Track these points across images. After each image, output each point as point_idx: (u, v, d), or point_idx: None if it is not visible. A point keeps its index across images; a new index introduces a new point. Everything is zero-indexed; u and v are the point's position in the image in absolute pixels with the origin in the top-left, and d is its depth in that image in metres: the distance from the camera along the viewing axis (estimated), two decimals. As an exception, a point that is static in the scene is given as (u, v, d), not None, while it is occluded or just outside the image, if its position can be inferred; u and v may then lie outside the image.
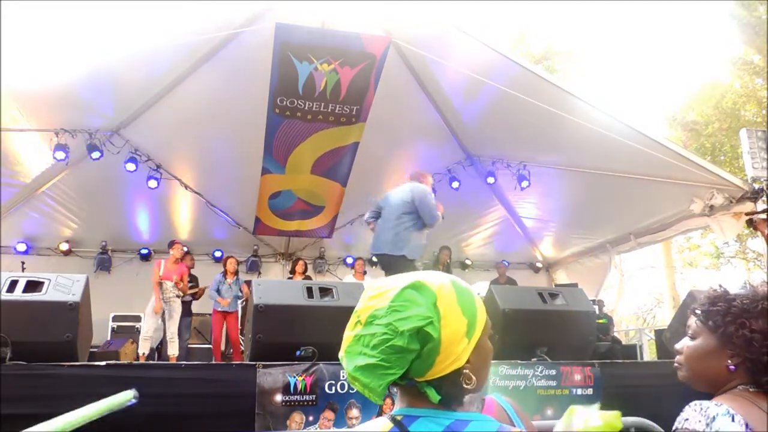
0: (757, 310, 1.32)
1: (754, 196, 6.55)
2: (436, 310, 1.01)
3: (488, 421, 1.02)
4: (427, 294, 1.03)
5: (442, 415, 1.00)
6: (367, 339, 1.01)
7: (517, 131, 7.82)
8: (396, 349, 0.98)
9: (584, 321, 4.36)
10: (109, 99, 7.13)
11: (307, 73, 6.48)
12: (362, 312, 1.05)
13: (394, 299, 1.02)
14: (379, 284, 1.08)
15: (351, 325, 1.06)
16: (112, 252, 9.19)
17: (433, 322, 1.01)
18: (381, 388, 1.00)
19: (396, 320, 1.00)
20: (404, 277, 1.07)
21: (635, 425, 2.75)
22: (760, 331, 1.29)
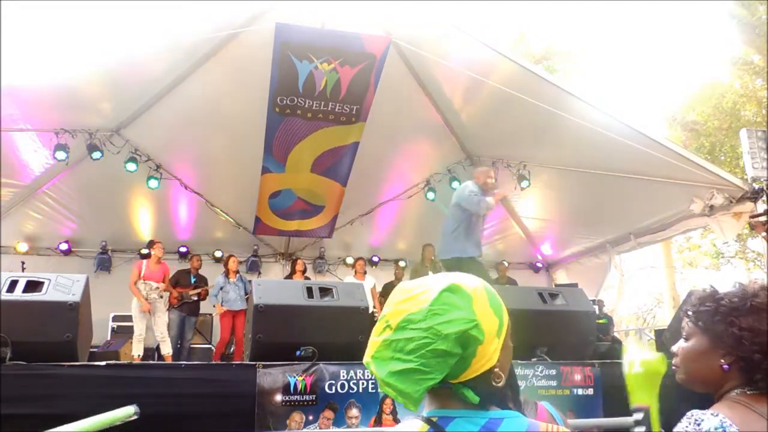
0: (746, 308, 1.31)
1: (754, 196, 6.55)
2: (474, 312, 1.02)
3: (519, 418, 1.03)
4: (464, 296, 1.04)
5: (477, 415, 1.01)
6: (402, 344, 0.99)
7: (517, 131, 7.81)
8: (437, 353, 0.98)
9: (584, 321, 4.36)
10: (109, 99, 7.13)
11: (307, 71, 6.48)
12: (392, 316, 1.03)
13: (433, 303, 1.01)
14: (408, 287, 1.07)
15: (378, 330, 1.05)
16: (112, 252, 9.19)
17: (477, 325, 1.02)
18: (418, 394, 0.99)
19: (438, 324, 0.99)
20: (436, 280, 1.07)
21: (635, 425, 2.75)
22: (749, 328, 1.29)
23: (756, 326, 1.28)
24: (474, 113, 8.07)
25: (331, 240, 9.72)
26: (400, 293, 1.07)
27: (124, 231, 9.13)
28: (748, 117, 17.79)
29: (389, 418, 3.53)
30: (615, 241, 9.16)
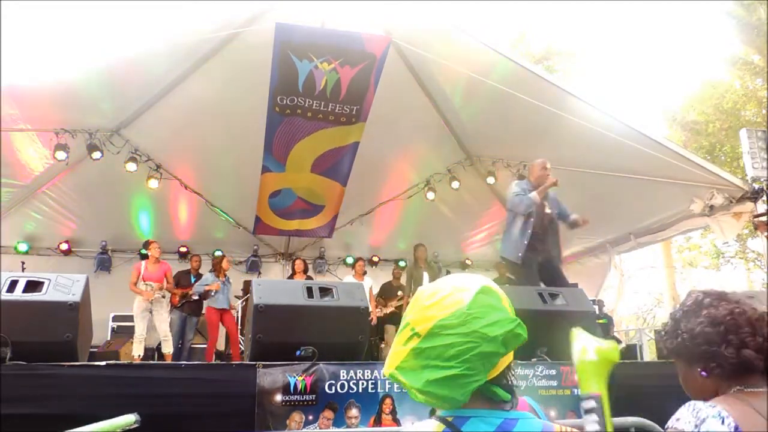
0: (682, 315, 1.45)
1: (754, 196, 6.55)
2: (508, 311, 1.04)
3: (533, 419, 1.03)
4: (496, 297, 1.05)
5: (492, 415, 1.01)
6: (438, 350, 0.98)
7: (517, 131, 7.81)
8: (483, 355, 0.97)
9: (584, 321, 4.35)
10: (109, 99, 7.12)
11: (307, 71, 6.47)
12: (419, 323, 1.01)
13: (470, 306, 1.00)
14: (429, 292, 1.06)
15: (403, 340, 1.03)
16: (112, 252, 9.19)
17: (520, 324, 1.03)
18: (464, 397, 0.98)
19: (482, 327, 0.98)
20: (459, 282, 1.05)
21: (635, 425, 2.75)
22: (686, 330, 1.41)
23: (690, 326, 1.41)
24: (474, 113, 8.07)
25: (331, 240, 9.72)
26: (422, 299, 1.05)
27: (124, 231, 9.14)
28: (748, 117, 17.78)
29: (389, 418, 3.53)
30: (615, 241, 9.16)
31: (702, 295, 1.48)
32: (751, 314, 1.38)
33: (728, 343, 1.34)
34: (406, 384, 1.00)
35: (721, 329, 1.36)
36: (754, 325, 1.36)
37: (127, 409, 3.15)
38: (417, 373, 0.99)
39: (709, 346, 1.36)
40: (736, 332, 1.34)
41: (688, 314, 1.44)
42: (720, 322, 1.37)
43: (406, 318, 1.05)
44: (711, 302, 1.43)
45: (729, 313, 1.38)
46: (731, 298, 1.44)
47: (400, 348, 1.03)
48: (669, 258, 18.48)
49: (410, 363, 1.00)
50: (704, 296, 1.47)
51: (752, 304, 1.44)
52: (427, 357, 0.99)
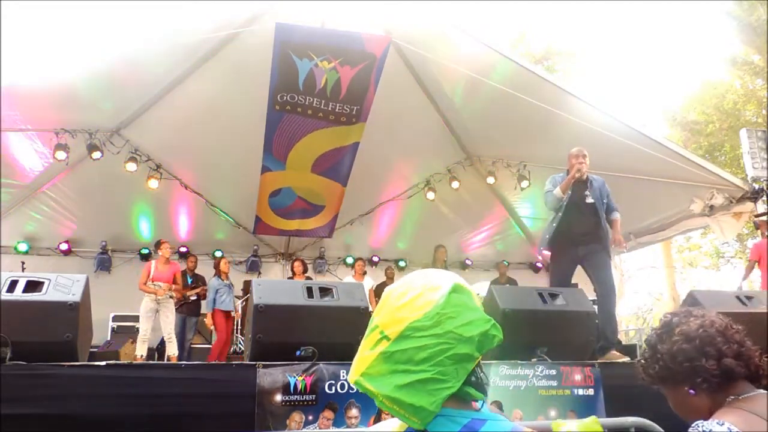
0: (657, 337, 1.49)
1: (754, 196, 6.56)
2: (482, 309, 0.98)
3: (502, 421, 0.98)
4: (469, 295, 0.99)
5: (459, 414, 0.95)
6: (409, 353, 0.92)
7: (517, 131, 7.81)
8: (457, 357, 0.92)
9: (584, 321, 4.35)
10: (109, 99, 7.12)
11: (307, 69, 6.47)
12: (389, 326, 0.95)
13: (443, 306, 0.94)
14: (398, 292, 0.99)
15: (371, 344, 0.96)
16: (112, 252, 9.19)
17: (495, 324, 0.97)
18: (434, 406, 0.91)
19: (457, 327, 0.93)
20: (427, 280, 1.00)
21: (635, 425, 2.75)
22: (664, 352, 1.44)
23: (667, 347, 1.44)
24: (474, 113, 8.07)
25: (331, 240, 9.72)
26: (392, 300, 0.99)
27: (124, 231, 9.14)
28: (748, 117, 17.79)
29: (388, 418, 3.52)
30: (615, 241, 9.14)
31: (670, 315, 1.52)
32: (719, 324, 1.42)
33: (707, 356, 1.36)
34: (373, 391, 0.94)
35: (696, 343, 1.38)
36: (725, 334, 1.40)
37: (127, 409, 3.15)
38: (385, 378, 0.93)
39: (690, 363, 1.38)
40: (712, 343, 1.38)
41: (662, 336, 1.47)
42: (694, 336, 1.40)
43: (374, 320, 0.99)
44: (680, 320, 1.47)
45: (700, 326, 1.41)
46: (698, 313, 1.48)
47: (367, 353, 0.96)
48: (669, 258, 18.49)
49: (378, 368, 0.94)
50: (672, 316, 1.51)
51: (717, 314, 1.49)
52: (396, 361, 0.93)
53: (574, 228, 4.94)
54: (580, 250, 4.96)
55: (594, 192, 5.07)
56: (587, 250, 4.96)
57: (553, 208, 5.02)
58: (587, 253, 4.97)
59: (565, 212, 4.95)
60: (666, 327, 1.48)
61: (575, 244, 4.95)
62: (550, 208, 5.08)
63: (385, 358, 0.94)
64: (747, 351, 1.38)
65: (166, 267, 7.50)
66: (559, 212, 4.96)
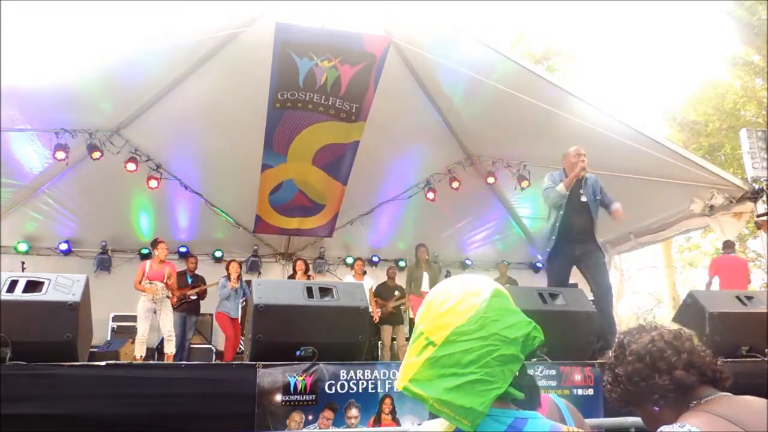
0: (615, 359, 1.51)
1: (754, 196, 6.56)
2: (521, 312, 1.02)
3: (542, 419, 1.02)
4: (508, 299, 1.03)
5: (504, 414, 0.99)
6: (456, 357, 0.95)
7: (517, 131, 7.81)
8: (503, 359, 0.95)
9: (584, 321, 4.35)
10: (109, 99, 7.13)
11: (307, 68, 6.48)
12: (435, 332, 0.98)
13: (486, 310, 0.98)
14: (440, 299, 1.03)
15: (417, 350, 1.00)
16: (112, 252, 9.19)
17: (536, 326, 1.01)
18: (483, 407, 0.94)
19: (502, 330, 0.97)
20: (467, 286, 1.03)
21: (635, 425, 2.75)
22: (623, 374, 1.46)
23: (623, 369, 1.46)
24: (474, 113, 8.07)
25: (331, 240, 9.72)
26: (435, 307, 1.02)
27: (124, 231, 9.14)
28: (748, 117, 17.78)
29: (388, 418, 3.53)
30: (615, 241, 9.16)
31: (622, 335, 1.53)
32: (668, 335, 1.43)
33: (659, 371, 1.38)
34: (423, 395, 0.97)
35: (647, 360, 1.40)
36: (674, 345, 1.40)
37: (127, 409, 3.15)
38: (433, 383, 0.96)
39: (645, 381, 1.40)
40: (661, 357, 1.39)
41: (619, 358, 1.49)
42: (644, 354, 1.41)
43: (419, 327, 1.02)
44: (631, 339, 1.48)
45: (649, 342, 1.42)
46: (649, 327, 1.50)
47: (413, 359, 0.99)
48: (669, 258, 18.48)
49: (425, 373, 0.97)
50: (624, 335, 1.52)
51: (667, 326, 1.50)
52: (443, 365, 0.96)
53: (571, 227, 4.94)
54: (577, 249, 4.97)
55: (587, 190, 5.10)
56: (584, 250, 4.97)
57: (554, 204, 5.01)
58: (584, 252, 4.98)
59: (564, 211, 4.95)
60: (620, 348, 1.50)
61: (573, 243, 4.96)
62: (550, 205, 5.07)
63: (432, 363, 0.97)
64: (698, 358, 1.39)
65: (161, 266, 7.49)
66: (560, 210, 4.96)
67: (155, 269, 7.43)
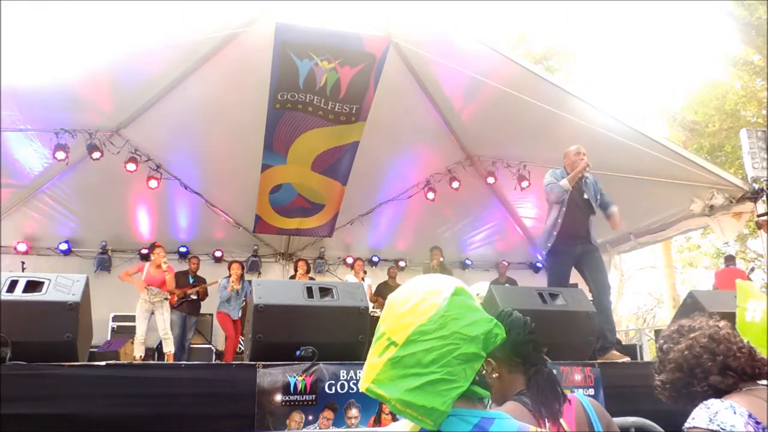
0: (659, 364, 1.57)
1: (754, 196, 6.55)
2: (484, 310, 1.01)
3: (509, 419, 1.01)
4: (470, 297, 1.02)
5: (469, 414, 0.98)
6: (417, 356, 0.94)
7: (517, 131, 7.81)
8: (465, 357, 0.94)
9: (584, 321, 4.35)
10: (109, 99, 7.12)
11: (307, 68, 6.48)
12: (396, 332, 0.98)
13: (447, 308, 0.97)
14: (401, 298, 1.02)
15: (379, 350, 0.99)
16: (112, 252, 9.19)
17: (498, 323, 1.00)
18: (445, 407, 0.93)
19: (462, 328, 0.96)
20: (429, 285, 1.02)
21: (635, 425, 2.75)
22: (667, 381, 1.52)
23: (665, 377, 1.52)
24: (474, 113, 8.07)
25: (331, 240, 9.72)
26: (396, 306, 1.01)
27: (124, 231, 9.13)
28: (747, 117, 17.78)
29: (388, 418, 3.53)
30: (615, 241, 9.15)
31: (663, 340, 1.58)
32: (703, 340, 1.47)
33: (697, 378, 1.43)
34: (385, 396, 0.96)
35: (685, 369, 1.45)
36: (710, 348, 1.44)
37: (127, 409, 3.15)
38: (395, 383, 0.95)
39: (687, 389, 1.45)
40: (698, 364, 1.44)
41: (662, 365, 1.54)
42: (682, 362, 1.47)
43: (380, 327, 1.01)
44: (671, 345, 1.53)
45: (686, 348, 1.47)
46: (685, 329, 1.54)
47: (375, 360, 0.99)
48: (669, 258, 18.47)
49: (387, 374, 0.96)
50: (665, 341, 1.57)
51: (704, 323, 1.53)
52: (405, 366, 0.95)
53: (573, 225, 4.94)
54: (577, 249, 4.97)
55: (589, 189, 5.11)
56: (584, 249, 4.97)
57: (557, 199, 5.00)
58: (584, 252, 4.98)
59: (567, 208, 4.96)
60: (661, 353, 1.55)
61: (574, 241, 4.96)
62: (553, 200, 5.07)
63: (394, 364, 0.96)
64: (734, 361, 1.41)
65: (158, 271, 7.43)
66: (563, 207, 4.97)
67: (152, 274, 7.42)
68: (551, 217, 5.06)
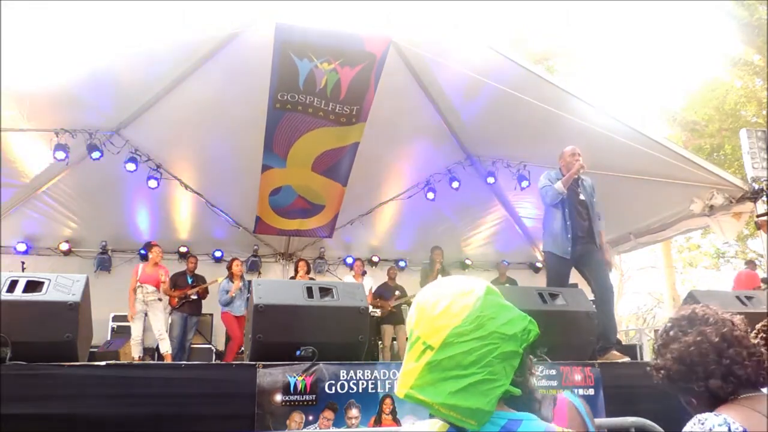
0: (662, 345, 1.48)
1: (754, 196, 6.55)
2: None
3: (537, 421, 1.01)
4: (500, 296, 1.03)
5: (497, 416, 0.98)
6: (456, 359, 0.94)
7: (517, 131, 7.81)
8: (504, 356, 0.95)
9: (584, 321, 4.36)
10: (109, 99, 7.12)
11: (307, 69, 6.48)
12: (431, 336, 0.97)
13: (481, 309, 0.98)
14: (432, 301, 1.01)
15: (415, 356, 0.98)
16: (112, 252, 9.19)
17: (531, 320, 1.01)
18: (490, 406, 0.93)
19: (500, 327, 0.96)
20: (459, 287, 1.02)
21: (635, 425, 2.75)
22: (663, 367, 1.44)
23: (663, 363, 1.43)
24: (474, 113, 8.06)
25: (331, 240, 9.72)
26: (427, 310, 1.01)
27: (124, 231, 9.13)
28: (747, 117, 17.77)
29: (389, 418, 3.53)
30: (615, 241, 9.15)
31: (672, 323, 1.48)
32: (714, 337, 1.37)
33: (696, 375, 1.36)
34: (427, 401, 0.95)
35: (687, 362, 1.38)
36: (719, 349, 1.36)
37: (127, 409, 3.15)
38: (436, 387, 0.94)
39: (684, 382, 1.39)
40: (701, 362, 1.35)
41: (664, 348, 1.46)
42: (686, 355, 1.38)
43: (414, 333, 1.01)
44: (680, 331, 1.44)
45: (693, 343, 1.38)
46: (701, 316, 1.43)
47: (412, 365, 0.98)
48: (669, 258, 18.47)
49: (426, 378, 0.96)
50: (674, 324, 1.47)
51: (719, 316, 1.43)
52: (444, 369, 0.95)
53: (572, 226, 4.95)
54: (577, 250, 4.97)
55: (585, 190, 5.12)
56: (584, 250, 4.97)
57: (552, 202, 5.02)
58: (584, 252, 4.98)
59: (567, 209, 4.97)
60: (666, 337, 1.47)
61: (573, 243, 4.96)
62: (548, 203, 5.08)
63: (433, 367, 0.96)
64: (740, 369, 1.34)
65: (154, 269, 7.52)
66: (565, 208, 4.97)
67: (148, 273, 7.48)
68: (557, 220, 5.03)
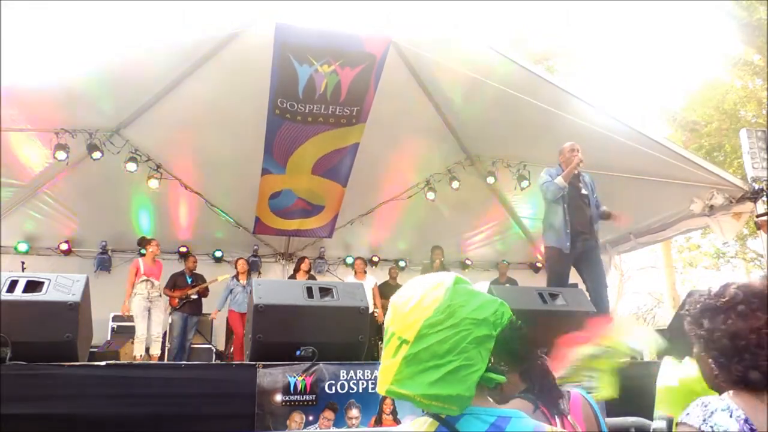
0: (710, 309, 1.35)
1: (754, 196, 6.55)
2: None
3: (525, 419, 1.01)
4: (469, 284, 1.04)
5: (485, 413, 0.99)
6: (432, 349, 0.95)
7: (517, 131, 7.81)
8: (479, 340, 0.96)
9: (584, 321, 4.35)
10: (109, 98, 7.12)
11: (307, 75, 6.48)
12: (404, 330, 0.99)
13: (451, 298, 0.99)
14: (404, 298, 1.03)
15: (392, 352, 1.00)
16: (112, 252, 9.19)
17: (503, 302, 1.02)
18: (469, 392, 0.95)
19: (470, 313, 0.97)
20: (429, 282, 1.04)
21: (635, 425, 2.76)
22: (708, 329, 1.33)
23: (713, 326, 1.31)
24: (474, 113, 8.06)
25: (331, 240, 9.72)
26: (399, 306, 1.03)
27: (124, 231, 9.13)
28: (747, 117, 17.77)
29: (389, 418, 3.53)
30: (615, 241, 9.15)
31: (741, 294, 1.31)
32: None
33: (740, 359, 1.27)
34: (408, 395, 0.97)
35: (740, 345, 1.27)
36: None
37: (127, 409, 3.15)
38: (415, 379, 0.96)
39: (724, 358, 1.30)
40: (753, 352, 1.26)
41: (717, 312, 1.32)
42: (743, 337, 1.27)
43: (389, 330, 1.02)
44: (743, 310, 1.29)
45: (752, 328, 1.27)
46: (754, 303, 1.30)
47: (390, 361, 1.00)
48: (669, 258, 18.46)
49: (405, 372, 0.97)
50: (744, 297, 1.30)
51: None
52: (420, 361, 0.96)
53: (574, 222, 4.95)
54: (578, 246, 4.97)
55: (586, 186, 5.13)
56: (585, 247, 4.98)
57: (553, 198, 5.03)
58: (585, 249, 4.98)
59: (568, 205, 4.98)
60: (728, 303, 1.31)
61: (575, 239, 4.96)
62: (550, 199, 5.09)
63: (410, 361, 0.97)
64: None
65: (154, 264, 7.61)
66: (566, 204, 4.98)
67: (150, 266, 7.53)
68: (557, 216, 5.04)
